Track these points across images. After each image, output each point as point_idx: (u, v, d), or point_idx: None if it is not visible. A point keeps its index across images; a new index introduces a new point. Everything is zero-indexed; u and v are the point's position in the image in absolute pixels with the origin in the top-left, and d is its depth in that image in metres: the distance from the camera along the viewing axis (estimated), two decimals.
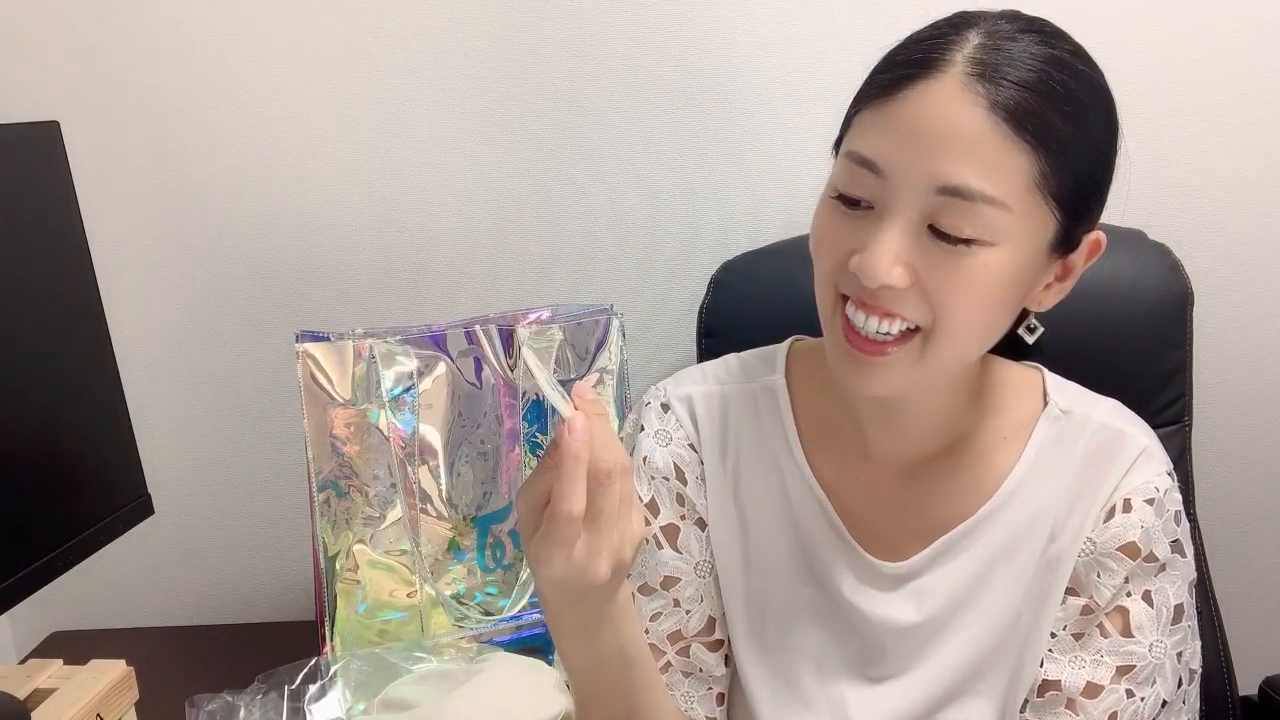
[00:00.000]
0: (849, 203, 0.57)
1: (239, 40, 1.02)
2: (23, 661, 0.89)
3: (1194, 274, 0.86)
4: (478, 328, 0.93)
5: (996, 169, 0.52)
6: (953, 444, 0.65)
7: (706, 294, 0.92)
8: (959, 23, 0.56)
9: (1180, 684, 0.63)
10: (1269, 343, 1.05)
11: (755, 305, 0.78)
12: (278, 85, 1.03)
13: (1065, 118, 0.53)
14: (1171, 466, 0.65)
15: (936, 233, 0.54)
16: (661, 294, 1.05)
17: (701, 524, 0.68)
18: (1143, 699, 0.62)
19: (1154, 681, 0.62)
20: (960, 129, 0.52)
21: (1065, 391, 0.68)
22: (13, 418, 0.74)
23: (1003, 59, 0.53)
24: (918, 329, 0.57)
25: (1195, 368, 0.88)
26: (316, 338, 0.89)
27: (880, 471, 0.66)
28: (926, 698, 0.64)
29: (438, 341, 0.92)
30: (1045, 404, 0.67)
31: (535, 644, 0.93)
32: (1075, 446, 0.65)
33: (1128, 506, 0.62)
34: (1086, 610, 0.63)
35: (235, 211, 1.06)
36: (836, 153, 0.61)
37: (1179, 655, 0.62)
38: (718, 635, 0.68)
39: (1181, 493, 0.66)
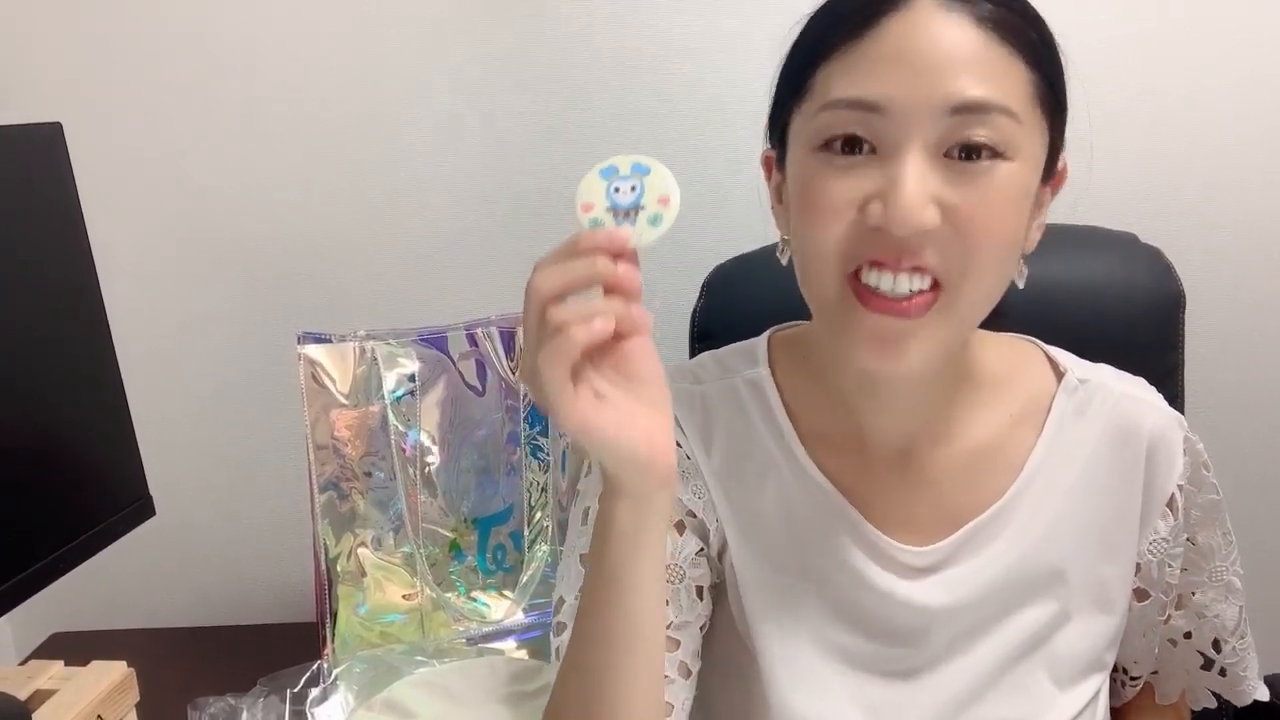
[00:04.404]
0: (845, 148, 0.52)
1: (240, 42, 1.02)
2: (23, 663, 0.89)
3: (1186, 276, 0.87)
4: (479, 330, 0.93)
5: (1002, 79, 0.51)
6: (957, 430, 0.63)
7: (699, 298, 0.92)
8: None
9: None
10: (1261, 344, 1.06)
11: (748, 308, 0.77)
12: (280, 86, 1.04)
13: (1035, 26, 0.53)
14: (1179, 415, 0.67)
15: (955, 155, 0.51)
16: (654, 298, 1.06)
17: (681, 527, 0.64)
18: (1216, 616, 0.67)
19: (1225, 598, 0.67)
20: (957, 46, 0.50)
21: (1074, 360, 0.67)
22: (13, 418, 0.74)
23: None
24: (939, 286, 0.53)
25: (1188, 369, 0.89)
26: (318, 339, 0.89)
27: (882, 463, 0.64)
28: (961, 692, 0.62)
29: (439, 343, 0.92)
30: (1059, 375, 0.65)
31: (534, 647, 0.93)
32: (1097, 418, 0.64)
33: (1181, 490, 0.64)
34: (1156, 602, 0.66)
35: (237, 212, 1.07)
36: (777, 126, 0.58)
37: (1237, 566, 0.67)
38: (673, 636, 0.63)
39: None
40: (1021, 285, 0.58)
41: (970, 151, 0.51)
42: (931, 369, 0.58)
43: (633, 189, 0.50)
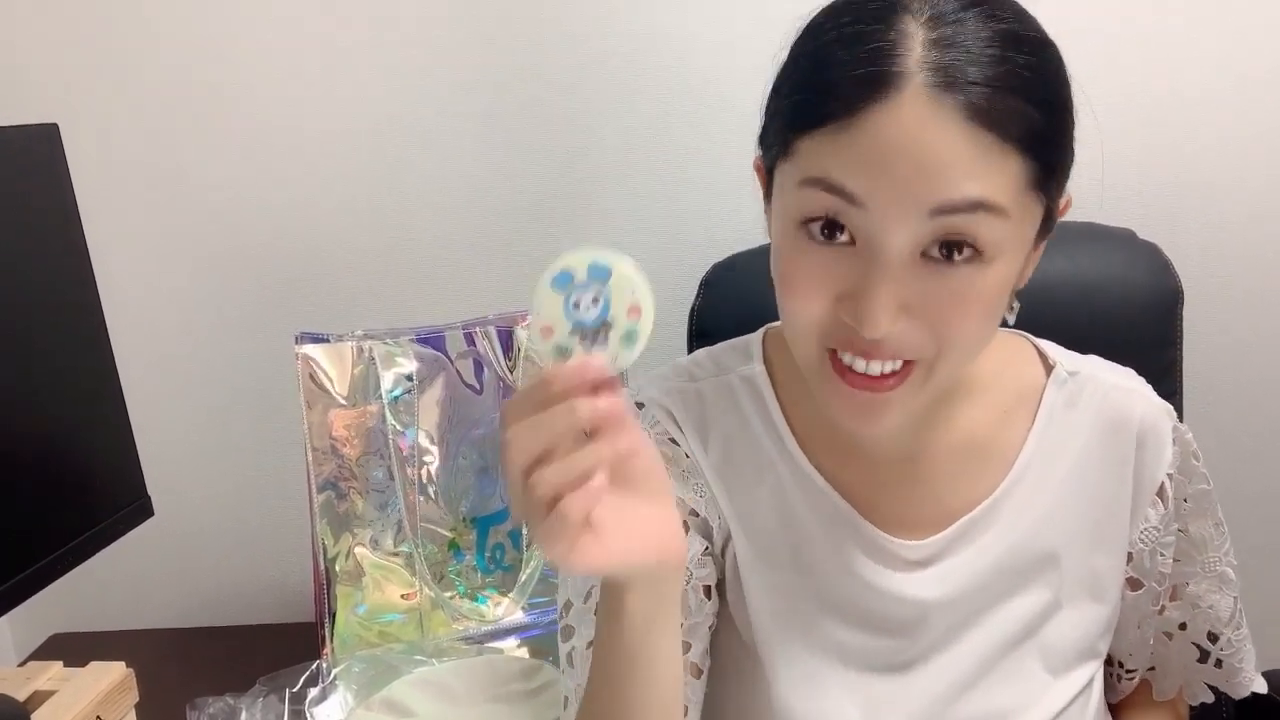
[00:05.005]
0: (824, 233, 0.52)
1: (238, 42, 1.02)
2: (22, 664, 0.89)
3: (1184, 273, 0.87)
4: (477, 329, 0.94)
5: (990, 176, 0.49)
6: (950, 426, 0.64)
7: (697, 295, 0.92)
8: (887, 8, 0.50)
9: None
10: (1259, 340, 1.06)
11: (746, 306, 0.77)
12: (277, 87, 1.04)
13: (1039, 105, 0.49)
14: (1168, 405, 0.67)
15: (935, 257, 0.50)
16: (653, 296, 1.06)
17: (685, 527, 0.63)
18: (1210, 607, 0.67)
19: (1219, 589, 0.67)
20: (943, 145, 0.48)
21: (1063, 352, 0.67)
22: (12, 420, 0.74)
23: (960, 57, 0.48)
24: (917, 361, 0.54)
25: (1186, 366, 0.89)
26: (316, 339, 0.89)
27: (877, 464, 0.64)
28: (956, 682, 0.63)
29: (437, 343, 0.93)
30: (1048, 368, 0.66)
31: (534, 645, 0.94)
32: (1088, 409, 0.65)
33: (1171, 479, 0.65)
34: (1150, 592, 0.66)
35: (234, 213, 1.07)
36: (767, 169, 0.57)
37: (1231, 557, 0.67)
38: (684, 639, 0.63)
39: None
40: (1012, 321, 0.58)
41: (950, 249, 0.50)
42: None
43: (595, 300, 0.44)
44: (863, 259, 0.51)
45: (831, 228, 0.51)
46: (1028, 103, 0.49)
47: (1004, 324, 0.58)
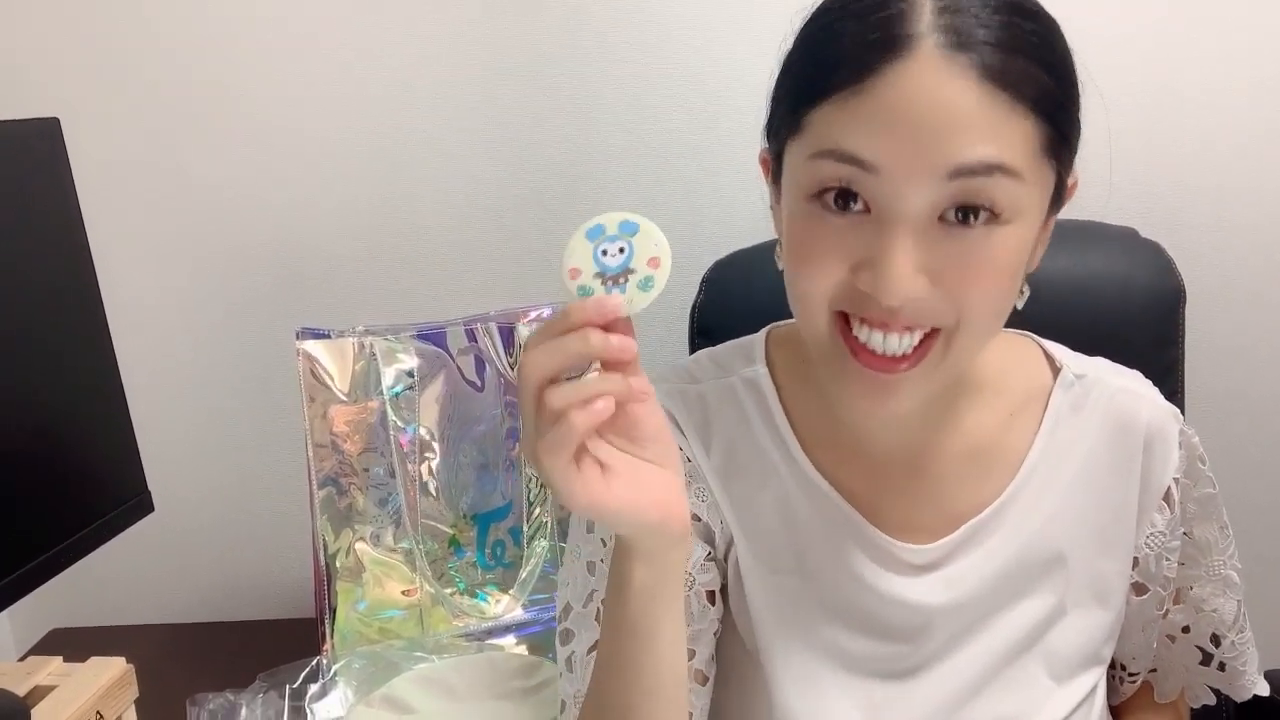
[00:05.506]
0: (838, 203, 0.51)
1: (239, 37, 1.02)
2: (22, 659, 0.89)
3: (1186, 272, 0.87)
4: (478, 325, 0.94)
5: (1005, 137, 0.49)
6: (956, 429, 0.63)
7: (699, 292, 0.92)
8: None
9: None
10: (1261, 340, 1.06)
11: (748, 303, 0.77)
12: (279, 81, 1.04)
13: (1047, 69, 0.50)
14: (1174, 409, 0.66)
15: (951, 220, 0.50)
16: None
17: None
18: (1214, 610, 0.67)
19: (1223, 592, 0.67)
20: (958, 104, 0.48)
21: (1070, 355, 0.67)
22: (11, 414, 0.74)
23: (969, 21, 0.48)
24: (936, 330, 0.53)
25: (1187, 366, 0.89)
26: (317, 334, 0.89)
27: (882, 464, 0.64)
28: (959, 689, 0.62)
29: (438, 339, 0.93)
30: (1055, 371, 0.65)
31: (534, 642, 0.94)
32: (1094, 412, 0.64)
33: (1178, 484, 0.64)
34: (1154, 596, 0.66)
35: (236, 208, 1.07)
36: (775, 155, 0.57)
37: (1235, 560, 0.67)
38: (688, 646, 0.62)
39: None
40: (1021, 306, 0.58)
41: (967, 213, 0.50)
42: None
43: (621, 250, 0.49)
44: (878, 225, 0.51)
45: (845, 197, 0.51)
46: (1038, 65, 0.49)
47: (1013, 313, 0.57)
